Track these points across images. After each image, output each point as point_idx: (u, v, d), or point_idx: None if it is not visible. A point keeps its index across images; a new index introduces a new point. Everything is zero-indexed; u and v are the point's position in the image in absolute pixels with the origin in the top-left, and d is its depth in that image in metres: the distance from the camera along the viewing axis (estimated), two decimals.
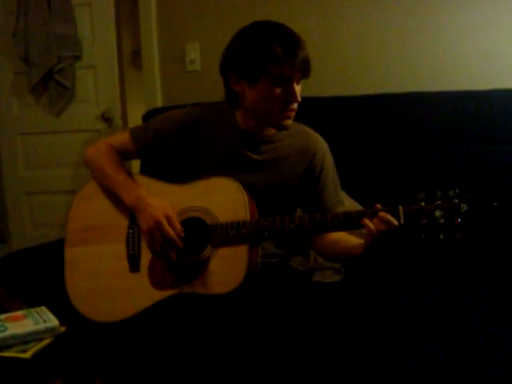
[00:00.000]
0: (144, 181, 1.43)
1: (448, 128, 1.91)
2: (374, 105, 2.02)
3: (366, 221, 1.20)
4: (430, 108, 1.94)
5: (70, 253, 1.42)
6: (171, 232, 1.29)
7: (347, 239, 1.37)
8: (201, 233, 1.32)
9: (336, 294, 1.47)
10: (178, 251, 1.31)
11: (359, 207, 1.74)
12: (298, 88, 1.33)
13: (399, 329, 1.24)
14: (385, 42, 2.17)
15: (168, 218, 1.30)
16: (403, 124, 1.96)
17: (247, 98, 1.36)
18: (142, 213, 1.33)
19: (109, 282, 1.36)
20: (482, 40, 2.02)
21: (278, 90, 1.31)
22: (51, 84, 2.75)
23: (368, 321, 1.30)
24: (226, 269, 1.28)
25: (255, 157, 1.42)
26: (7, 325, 1.21)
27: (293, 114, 1.37)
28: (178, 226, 1.30)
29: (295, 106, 1.35)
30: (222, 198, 1.33)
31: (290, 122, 1.38)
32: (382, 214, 1.19)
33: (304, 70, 1.32)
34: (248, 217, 1.30)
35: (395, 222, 1.18)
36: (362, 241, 1.28)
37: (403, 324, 1.26)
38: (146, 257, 1.35)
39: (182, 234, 1.30)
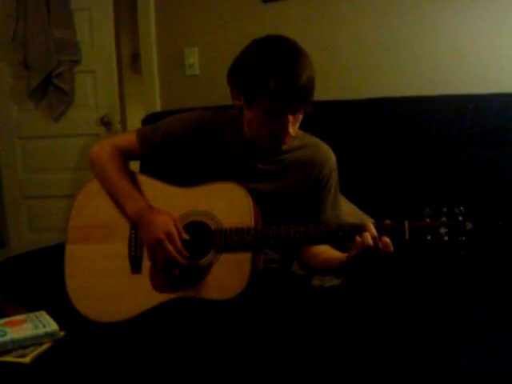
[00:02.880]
0: (148, 182, 1.43)
1: (447, 131, 1.91)
2: (374, 108, 2.01)
3: (357, 238, 1.18)
4: (430, 111, 1.94)
5: (70, 250, 1.41)
6: (172, 250, 1.27)
7: (328, 250, 1.37)
8: (204, 237, 1.31)
9: (335, 298, 1.47)
10: (180, 265, 1.29)
11: (358, 211, 1.74)
12: (293, 118, 1.29)
13: (398, 333, 1.24)
14: (385, 46, 2.17)
15: (169, 235, 1.27)
16: (403, 128, 1.96)
17: (245, 114, 1.37)
18: (144, 229, 1.31)
19: (109, 282, 1.36)
20: (482, 44, 2.02)
21: (270, 120, 1.29)
22: (50, 88, 2.75)
23: (367, 325, 1.30)
24: (229, 275, 1.28)
25: (262, 166, 1.42)
26: (7, 329, 1.20)
27: (284, 142, 1.34)
28: (179, 243, 1.28)
29: (287, 137, 1.32)
30: (227, 203, 1.32)
31: (282, 146, 1.37)
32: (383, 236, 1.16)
33: (300, 103, 1.27)
34: (252, 223, 1.29)
35: (391, 247, 1.16)
36: (343, 255, 1.28)
37: (402, 328, 1.26)
38: (147, 258, 1.34)
39: (186, 254, 1.28)
